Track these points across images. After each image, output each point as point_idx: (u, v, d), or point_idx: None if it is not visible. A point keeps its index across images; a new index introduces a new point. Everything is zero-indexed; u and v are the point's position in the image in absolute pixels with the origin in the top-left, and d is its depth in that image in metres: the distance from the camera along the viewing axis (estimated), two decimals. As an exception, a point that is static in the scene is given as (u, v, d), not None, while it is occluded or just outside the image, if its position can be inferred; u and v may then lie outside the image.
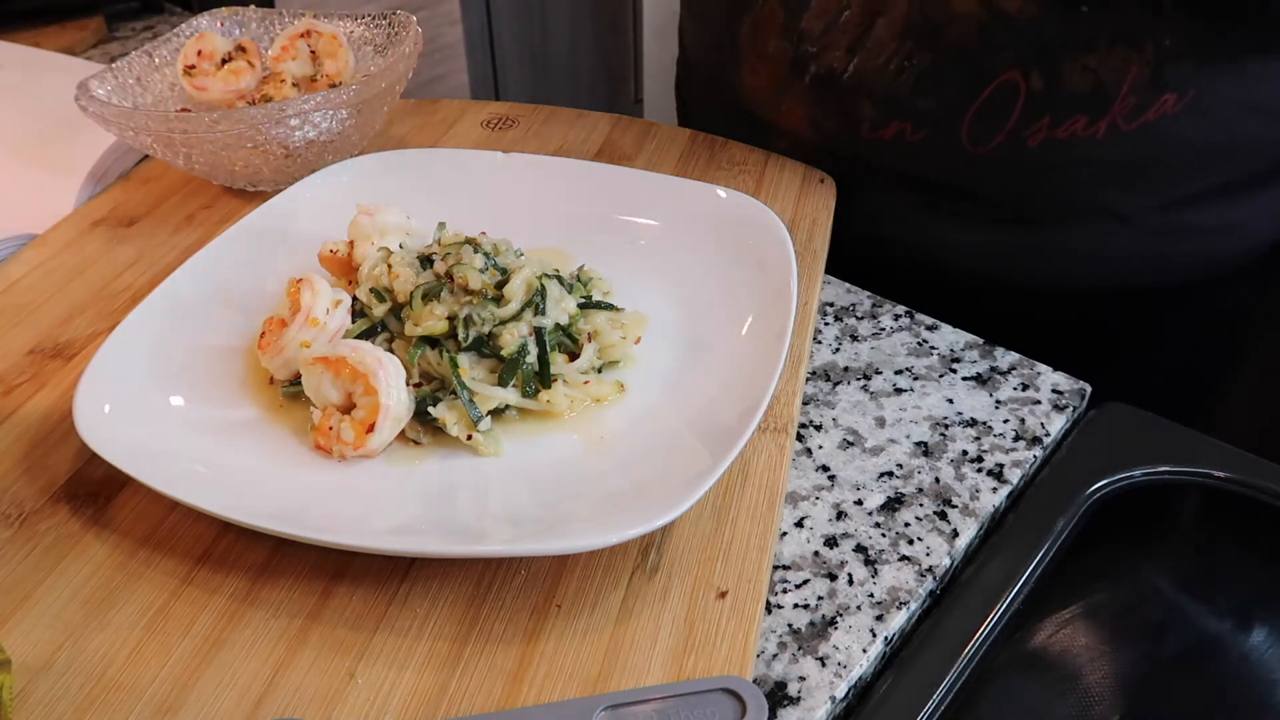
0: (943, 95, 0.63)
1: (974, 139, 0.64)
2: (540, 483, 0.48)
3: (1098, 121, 0.61)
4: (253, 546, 0.46)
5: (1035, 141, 0.63)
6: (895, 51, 0.63)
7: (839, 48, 0.65)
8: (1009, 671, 0.52)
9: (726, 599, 0.44)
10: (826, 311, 0.64)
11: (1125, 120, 0.61)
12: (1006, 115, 0.62)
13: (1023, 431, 0.55)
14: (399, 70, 0.68)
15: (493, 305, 0.51)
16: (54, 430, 0.53)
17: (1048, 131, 0.62)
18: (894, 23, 0.62)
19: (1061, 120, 0.62)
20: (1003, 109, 0.62)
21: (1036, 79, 0.61)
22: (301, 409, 0.51)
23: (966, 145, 0.64)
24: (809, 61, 0.67)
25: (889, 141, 0.67)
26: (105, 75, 0.70)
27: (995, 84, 0.61)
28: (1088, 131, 0.61)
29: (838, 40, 0.65)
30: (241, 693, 0.41)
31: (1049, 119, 0.62)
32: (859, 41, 0.64)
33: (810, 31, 0.66)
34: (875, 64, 0.64)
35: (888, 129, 0.66)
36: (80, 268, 0.65)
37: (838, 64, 0.66)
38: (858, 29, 0.64)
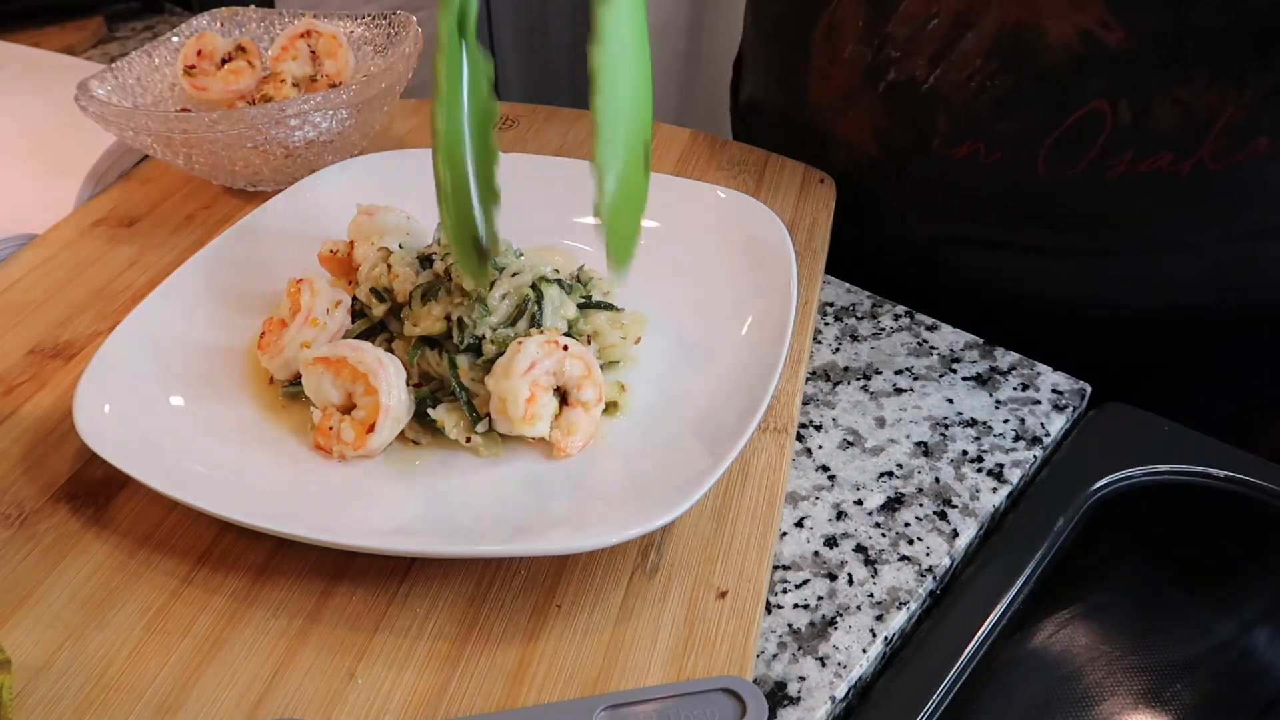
0: (1025, 119, 0.61)
1: (1051, 166, 0.61)
2: (540, 483, 0.48)
3: (1184, 159, 0.59)
4: (253, 546, 0.46)
5: (1116, 174, 0.60)
6: (980, 69, 0.60)
7: (922, 55, 0.62)
8: (1009, 671, 0.52)
9: (726, 599, 0.44)
10: (826, 311, 0.64)
11: (1212, 159, 0.58)
12: (1089, 145, 0.60)
13: (1023, 431, 0.55)
14: (399, 70, 0.68)
15: (482, 307, 0.51)
16: (54, 430, 0.53)
17: (1130, 165, 0.60)
18: (983, 39, 0.60)
19: (1146, 155, 0.59)
20: (1086, 138, 0.60)
21: (1125, 110, 0.58)
22: (301, 409, 0.51)
23: (1042, 172, 0.62)
24: (888, 68, 0.64)
25: (959, 161, 0.64)
26: (105, 75, 0.70)
27: (1081, 113, 0.59)
28: (1172, 168, 0.59)
29: (922, 48, 0.62)
30: (241, 693, 0.41)
31: (1132, 153, 0.59)
32: (943, 52, 0.61)
33: (895, 36, 0.63)
34: (958, 78, 0.62)
35: (961, 147, 0.63)
36: (80, 268, 0.65)
37: (919, 73, 0.63)
38: (944, 39, 0.61)
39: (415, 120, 0.80)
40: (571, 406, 0.49)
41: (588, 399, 0.49)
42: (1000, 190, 0.65)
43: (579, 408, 0.49)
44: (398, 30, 0.75)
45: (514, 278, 0.52)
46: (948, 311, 0.64)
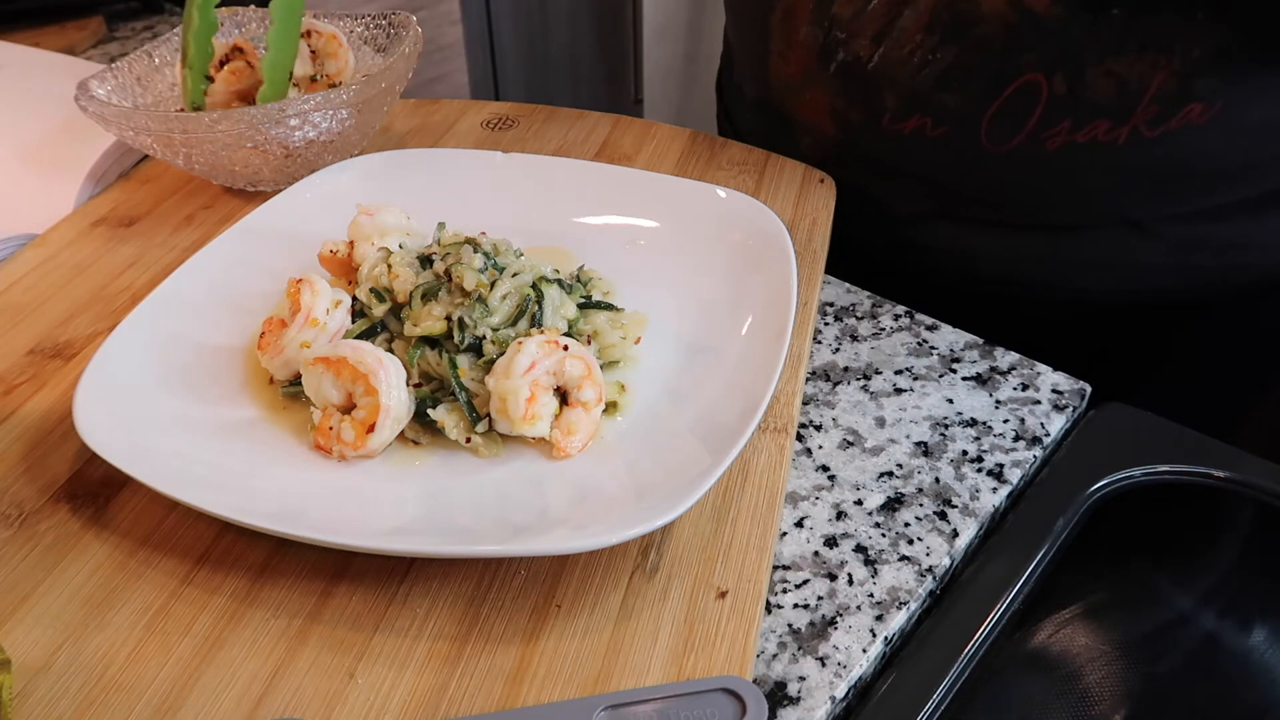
0: (965, 92, 0.63)
1: (993, 138, 0.63)
2: (539, 483, 0.48)
3: (1119, 127, 0.60)
4: (253, 546, 0.46)
5: (1054, 145, 0.62)
6: (920, 44, 0.62)
7: (866, 35, 0.65)
8: (1009, 671, 0.52)
9: (726, 599, 0.44)
10: (826, 311, 0.64)
11: (1148, 127, 0.60)
12: (1027, 116, 0.62)
13: (1023, 431, 0.55)
14: (399, 70, 0.68)
15: (483, 307, 0.51)
16: (54, 430, 0.53)
17: (1068, 135, 0.61)
18: (920, 15, 0.62)
19: (1082, 124, 0.61)
20: (1023, 110, 0.62)
21: (1059, 82, 0.60)
22: (301, 409, 0.51)
23: (985, 144, 0.64)
24: (837, 48, 0.66)
25: (909, 135, 0.66)
26: (105, 75, 0.70)
27: (1017, 84, 0.61)
28: (1108, 137, 0.61)
29: (865, 28, 0.64)
30: (241, 693, 0.41)
31: (1070, 122, 0.61)
32: (885, 30, 0.63)
33: (840, 17, 0.65)
34: (900, 55, 0.64)
35: (908, 122, 0.65)
36: (80, 268, 0.65)
37: (864, 52, 0.65)
38: (885, 18, 0.63)
39: (415, 120, 0.80)
40: (572, 406, 0.49)
41: (588, 399, 0.49)
42: (950, 165, 0.67)
43: (579, 408, 0.49)
44: (398, 30, 0.75)
45: (514, 278, 0.52)
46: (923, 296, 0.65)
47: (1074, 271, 0.69)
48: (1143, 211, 0.65)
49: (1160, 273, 0.68)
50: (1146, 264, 0.67)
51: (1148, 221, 0.65)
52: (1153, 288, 0.69)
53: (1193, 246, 0.66)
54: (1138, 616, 0.58)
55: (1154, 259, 0.67)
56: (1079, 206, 0.66)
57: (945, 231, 0.71)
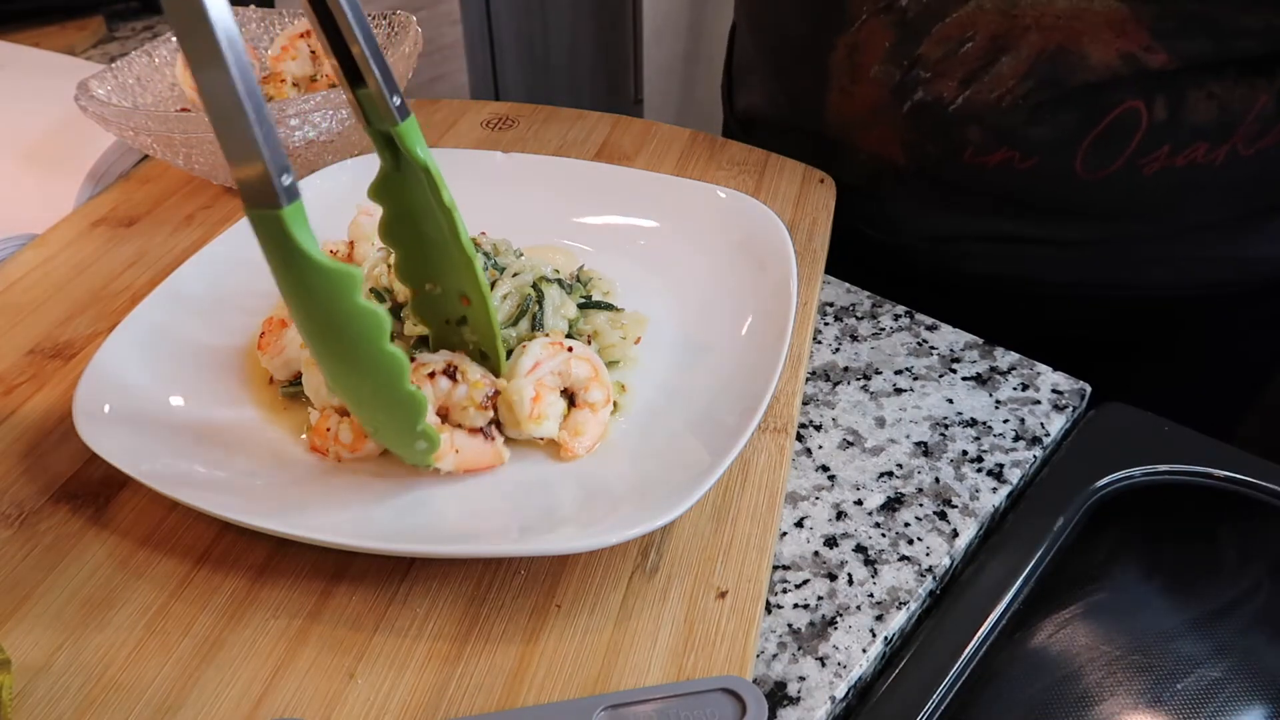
0: (1059, 124, 0.61)
1: (1088, 167, 0.62)
2: (538, 483, 0.48)
3: (1218, 149, 0.60)
4: (253, 546, 0.46)
5: (1152, 169, 0.61)
6: (1013, 89, 0.61)
7: (953, 78, 0.63)
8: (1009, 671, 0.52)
9: (726, 599, 0.44)
10: (826, 311, 0.64)
11: (1245, 146, 0.60)
12: (1125, 143, 0.60)
13: (1023, 431, 0.55)
14: (399, 70, 0.68)
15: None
16: (54, 430, 0.53)
17: (1166, 159, 0.60)
18: (1020, 63, 0.60)
19: (1182, 148, 0.60)
20: (1122, 137, 0.60)
21: (1160, 108, 0.59)
22: (301, 409, 0.51)
23: (1079, 172, 0.62)
24: (916, 88, 0.64)
25: (994, 167, 0.64)
26: (105, 75, 0.70)
27: (1116, 113, 0.60)
28: (1207, 158, 0.60)
29: (953, 71, 0.62)
30: (241, 693, 0.41)
31: (1169, 147, 0.60)
32: (976, 74, 0.61)
33: (926, 57, 0.63)
34: (988, 98, 0.62)
35: (994, 155, 0.64)
36: (80, 268, 0.65)
37: (947, 94, 0.63)
38: (978, 63, 0.61)
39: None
40: (579, 408, 0.49)
41: (595, 400, 0.49)
42: (1035, 191, 0.65)
43: (586, 409, 0.49)
44: (398, 30, 0.75)
45: (515, 278, 0.52)
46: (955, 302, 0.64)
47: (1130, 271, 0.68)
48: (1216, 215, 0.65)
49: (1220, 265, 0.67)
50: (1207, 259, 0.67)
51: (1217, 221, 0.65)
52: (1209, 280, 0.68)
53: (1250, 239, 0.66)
54: (1138, 616, 0.57)
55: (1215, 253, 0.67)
56: (1165, 220, 0.65)
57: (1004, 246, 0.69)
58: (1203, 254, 0.67)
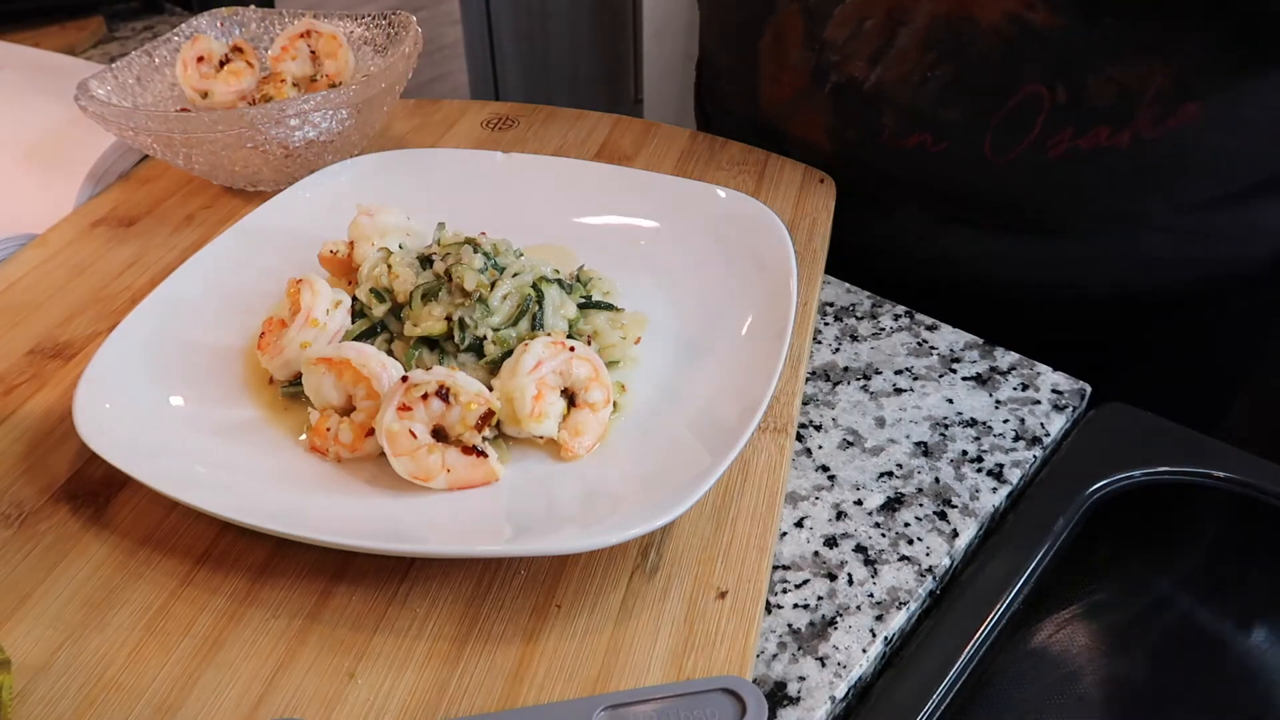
0: (966, 106, 0.63)
1: (996, 150, 0.64)
2: (538, 483, 0.48)
3: (1121, 131, 0.61)
4: (253, 546, 0.46)
5: (1058, 152, 0.63)
6: (918, 62, 0.63)
7: (861, 57, 0.65)
8: (1009, 671, 0.52)
9: (726, 599, 0.44)
10: (826, 311, 0.64)
11: (1148, 129, 0.61)
12: (1030, 127, 0.62)
13: (1023, 431, 0.55)
14: (399, 70, 0.68)
15: (483, 308, 0.51)
16: (54, 430, 0.53)
17: (1070, 142, 0.62)
18: (917, 33, 0.62)
19: (1085, 130, 0.61)
20: (1026, 120, 0.62)
21: (1061, 91, 0.60)
22: (301, 409, 0.51)
23: (989, 155, 0.64)
24: (830, 71, 0.67)
25: (909, 151, 0.66)
26: (105, 75, 0.70)
27: (1020, 96, 0.61)
28: (1111, 141, 0.61)
29: (860, 50, 0.65)
30: (241, 693, 0.41)
31: (1072, 129, 0.62)
32: (881, 51, 0.64)
33: (833, 41, 0.65)
34: (898, 74, 0.64)
35: (909, 139, 0.66)
36: (80, 268, 0.65)
37: (859, 74, 0.65)
38: (880, 38, 0.63)
39: (415, 120, 0.80)
40: (579, 408, 0.49)
41: (595, 400, 0.49)
42: (952, 176, 0.67)
43: (586, 409, 0.49)
44: (398, 30, 0.75)
45: (515, 278, 0.52)
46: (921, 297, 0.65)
47: (1076, 269, 0.69)
48: (1143, 208, 0.66)
49: (1161, 264, 0.68)
50: (1149, 256, 0.68)
51: (1147, 215, 0.66)
52: (1154, 278, 0.69)
53: (1191, 237, 0.67)
54: (1138, 616, 0.58)
55: (1155, 251, 0.67)
56: (1083, 207, 0.66)
57: (945, 238, 0.71)
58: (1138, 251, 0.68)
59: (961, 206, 0.68)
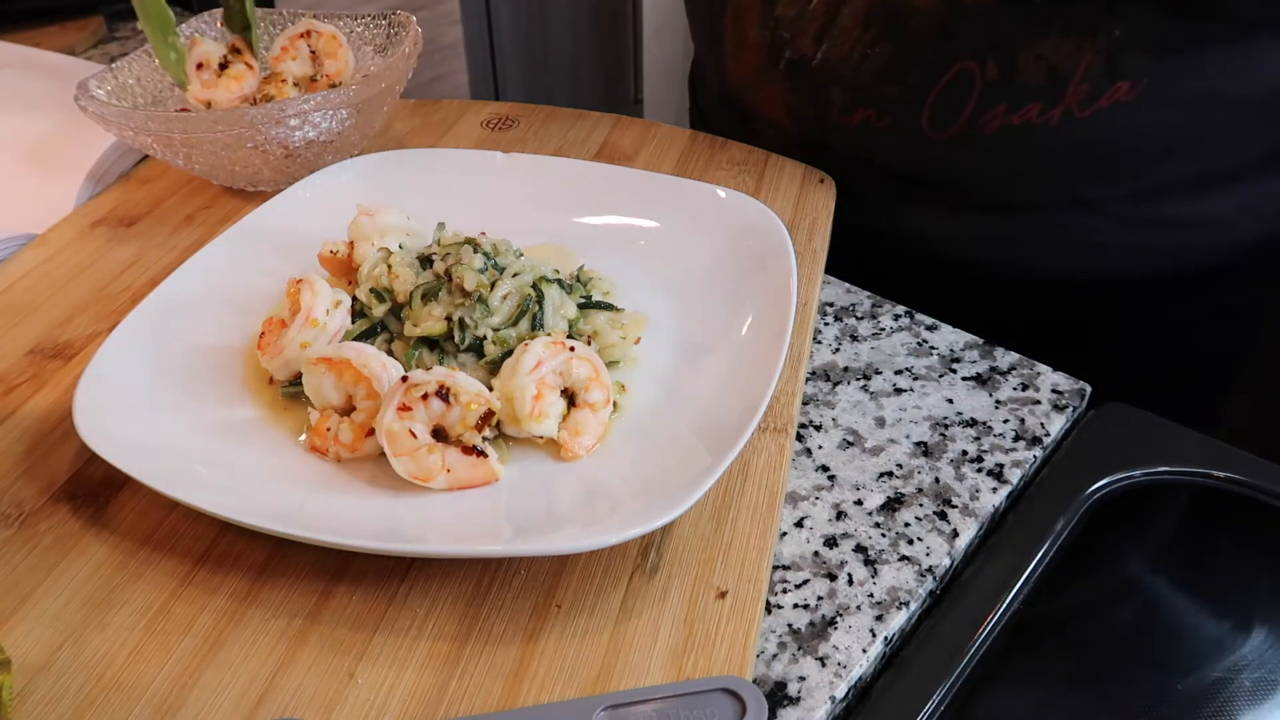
0: (904, 83, 0.65)
1: (933, 125, 0.65)
2: (538, 483, 0.48)
3: (1052, 109, 0.62)
4: (253, 546, 0.46)
5: (992, 129, 0.64)
6: (859, 40, 0.65)
7: (808, 35, 0.67)
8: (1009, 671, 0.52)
9: (726, 599, 0.44)
10: (826, 311, 0.64)
11: (1079, 107, 0.62)
12: (964, 103, 0.64)
13: (1023, 431, 0.55)
14: (399, 70, 0.68)
15: (483, 308, 0.51)
16: (54, 430, 0.53)
17: (1003, 118, 0.63)
18: (857, 12, 0.64)
19: (1017, 108, 0.63)
20: (960, 97, 0.64)
21: (992, 68, 0.62)
22: (301, 409, 0.51)
23: (927, 131, 0.66)
24: (784, 48, 0.69)
25: (857, 127, 0.68)
26: (105, 75, 0.70)
27: (952, 73, 0.63)
28: (1042, 119, 0.63)
29: (807, 27, 0.67)
30: (241, 693, 0.41)
31: (1005, 106, 0.63)
32: (826, 29, 0.66)
33: (784, 18, 0.68)
34: (841, 51, 0.66)
35: (855, 115, 0.68)
36: (80, 268, 0.65)
37: (808, 50, 0.67)
38: (825, 16, 0.65)
39: (415, 120, 0.80)
40: (579, 408, 0.49)
41: (595, 400, 0.49)
42: (898, 152, 0.69)
43: (586, 409, 0.49)
44: (398, 30, 0.75)
45: (515, 278, 0.52)
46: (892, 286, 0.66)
47: (1028, 252, 0.71)
48: (1085, 191, 0.67)
49: (1112, 252, 0.70)
50: (1098, 243, 0.69)
51: (1093, 201, 0.67)
52: (1107, 266, 0.70)
53: (1139, 226, 0.68)
54: (1138, 616, 0.57)
55: (1104, 238, 0.69)
56: (1022, 187, 0.68)
57: (902, 214, 0.72)
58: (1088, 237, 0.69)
59: (910, 184, 0.70)
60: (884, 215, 0.73)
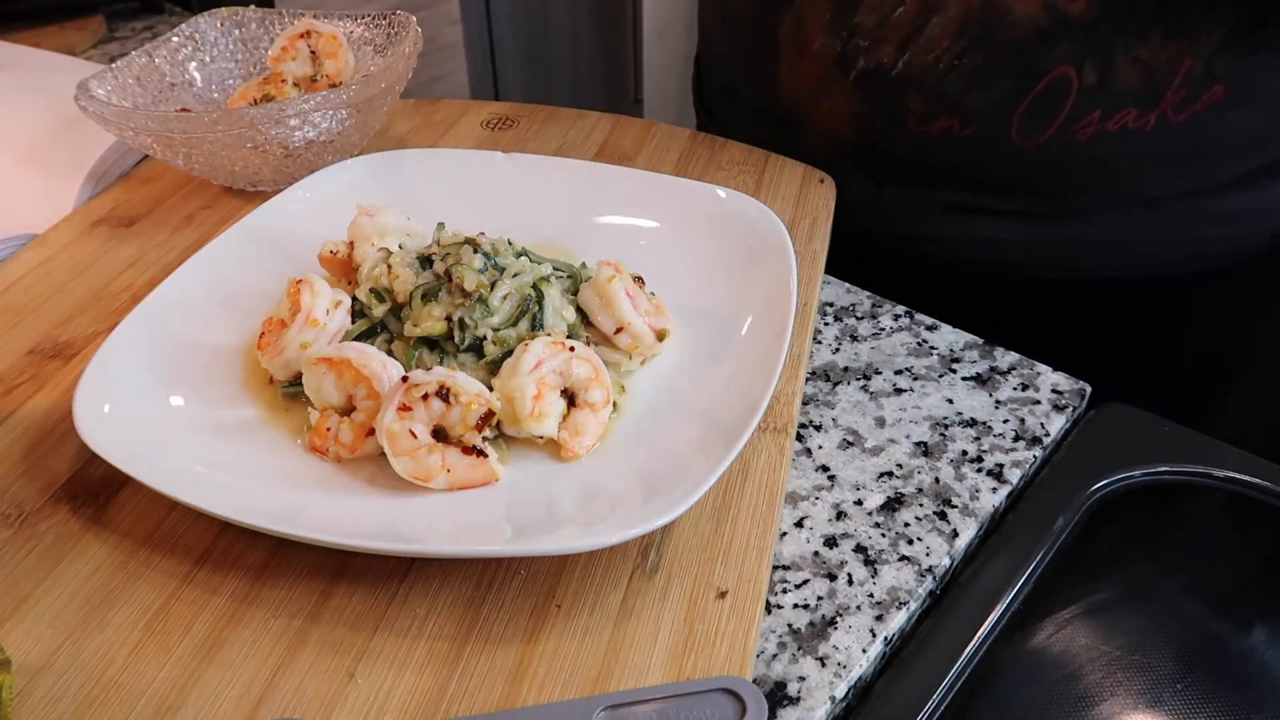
0: (994, 91, 0.64)
1: (1023, 133, 0.64)
2: (538, 483, 0.48)
3: (1148, 114, 0.62)
4: (253, 546, 0.46)
5: (1085, 135, 0.63)
6: (948, 50, 0.63)
7: (890, 43, 0.65)
8: (1009, 671, 0.52)
9: (726, 599, 0.44)
10: (826, 311, 0.64)
11: (1175, 112, 0.61)
12: (1058, 110, 0.63)
13: (1023, 431, 0.55)
14: (399, 70, 0.68)
15: (483, 308, 0.51)
16: (54, 430, 0.53)
17: (1098, 125, 0.63)
18: (949, 22, 0.63)
19: (1113, 114, 0.62)
20: (1054, 103, 0.63)
21: (1089, 73, 0.61)
22: (301, 409, 0.51)
23: (1015, 139, 0.65)
24: (857, 57, 0.67)
25: (935, 137, 0.67)
26: (105, 75, 0.70)
27: (1048, 79, 0.62)
28: (1138, 124, 0.62)
29: (889, 36, 0.65)
30: (241, 693, 0.41)
31: (1100, 113, 0.62)
32: (911, 38, 0.64)
33: (862, 27, 0.66)
34: (926, 61, 0.64)
35: (935, 124, 0.66)
36: (80, 268, 0.65)
37: (887, 60, 0.66)
38: (911, 26, 0.64)
39: (415, 120, 0.80)
40: (579, 408, 0.49)
41: (595, 400, 0.49)
42: (976, 161, 0.67)
43: (586, 409, 0.49)
44: (398, 30, 0.75)
45: (515, 278, 0.52)
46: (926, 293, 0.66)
47: (1085, 251, 0.70)
48: (1160, 190, 0.66)
49: (1167, 247, 0.69)
50: (1156, 239, 0.69)
51: (1156, 199, 0.67)
52: (1159, 261, 0.70)
53: (1196, 221, 0.68)
54: (1138, 616, 0.57)
55: (1162, 234, 0.68)
56: (1103, 190, 0.67)
57: (960, 224, 0.71)
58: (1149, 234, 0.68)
59: (982, 190, 0.69)
60: (937, 222, 0.72)
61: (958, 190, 0.70)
